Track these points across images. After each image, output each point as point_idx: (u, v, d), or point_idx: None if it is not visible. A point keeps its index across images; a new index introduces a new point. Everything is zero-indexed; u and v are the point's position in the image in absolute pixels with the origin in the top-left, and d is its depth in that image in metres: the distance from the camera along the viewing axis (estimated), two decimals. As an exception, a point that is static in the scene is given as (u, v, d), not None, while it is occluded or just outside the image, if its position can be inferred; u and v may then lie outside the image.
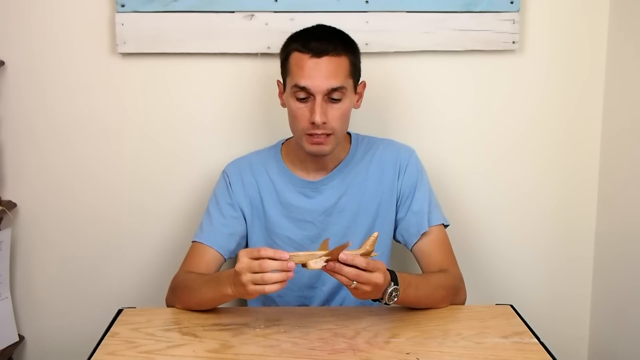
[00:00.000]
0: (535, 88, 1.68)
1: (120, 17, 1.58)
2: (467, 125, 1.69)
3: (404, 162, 1.45)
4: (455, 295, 1.36)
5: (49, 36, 1.61)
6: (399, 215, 1.45)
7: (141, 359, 1.10)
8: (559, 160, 1.72)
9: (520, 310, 1.29)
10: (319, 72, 1.30)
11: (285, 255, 1.08)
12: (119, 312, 1.29)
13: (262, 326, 1.21)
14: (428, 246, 1.41)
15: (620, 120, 1.64)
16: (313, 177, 1.44)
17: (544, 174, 1.72)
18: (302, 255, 1.11)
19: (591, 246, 1.75)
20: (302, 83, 1.30)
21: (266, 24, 1.58)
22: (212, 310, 1.29)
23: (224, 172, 1.48)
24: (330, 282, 1.44)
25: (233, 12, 1.59)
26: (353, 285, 1.12)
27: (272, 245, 1.43)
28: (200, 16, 1.59)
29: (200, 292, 1.26)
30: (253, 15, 1.60)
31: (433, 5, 1.60)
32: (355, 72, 1.36)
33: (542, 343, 1.15)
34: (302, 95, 1.32)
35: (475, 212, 1.72)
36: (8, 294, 1.66)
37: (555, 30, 1.66)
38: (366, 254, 1.13)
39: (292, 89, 1.33)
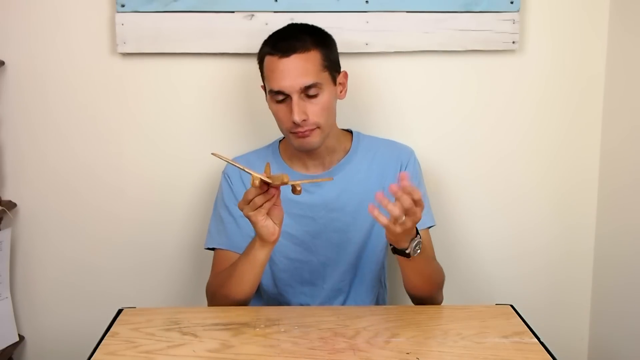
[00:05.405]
0: (535, 88, 1.68)
1: (120, 17, 1.58)
2: (467, 125, 1.69)
3: (405, 160, 1.47)
4: (439, 290, 1.38)
5: (49, 36, 1.61)
6: None
7: (141, 359, 1.10)
8: (559, 160, 1.71)
9: (520, 310, 1.29)
10: (289, 72, 1.31)
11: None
12: (119, 312, 1.29)
13: (262, 326, 1.21)
14: None
15: (620, 119, 1.63)
16: (313, 172, 1.45)
17: (544, 174, 1.72)
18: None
19: (591, 246, 1.75)
20: (276, 87, 1.33)
21: (266, 24, 1.58)
22: (212, 310, 1.29)
23: (224, 173, 1.48)
24: (331, 279, 1.45)
25: (233, 12, 1.59)
26: (402, 220, 1.10)
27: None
28: (200, 16, 1.59)
29: (238, 270, 1.29)
30: (253, 15, 1.59)
31: (433, 5, 1.60)
32: (330, 64, 1.37)
33: (542, 343, 1.15)
34: (280, 97, 1.34)
35: (475, 212, 1.72)
36: (8, 294, 1.66)
37: (556, 30, 1.66)
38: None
39: (270, 94, 1.36)
